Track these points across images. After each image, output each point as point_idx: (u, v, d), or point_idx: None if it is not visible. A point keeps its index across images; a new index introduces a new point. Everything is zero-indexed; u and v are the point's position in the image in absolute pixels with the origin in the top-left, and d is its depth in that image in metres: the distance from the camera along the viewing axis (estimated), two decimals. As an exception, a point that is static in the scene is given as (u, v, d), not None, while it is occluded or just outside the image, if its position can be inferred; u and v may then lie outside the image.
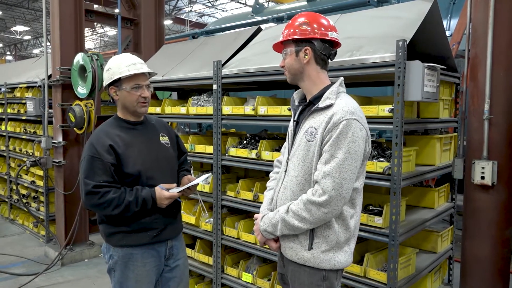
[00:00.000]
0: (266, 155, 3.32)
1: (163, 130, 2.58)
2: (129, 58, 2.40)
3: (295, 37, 1.91)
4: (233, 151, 3.58)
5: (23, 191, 6.44)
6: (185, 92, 5.12)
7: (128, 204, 2.23)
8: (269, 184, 2.23)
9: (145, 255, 2.38)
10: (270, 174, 2.27)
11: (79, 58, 4.84)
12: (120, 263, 2.36)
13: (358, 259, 2.98)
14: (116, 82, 2.36)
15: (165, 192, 2.29)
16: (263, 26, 4.22)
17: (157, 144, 2.48)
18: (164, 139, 2.54)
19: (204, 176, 2.58)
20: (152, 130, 2.52)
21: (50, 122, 5.40)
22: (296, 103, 2.06)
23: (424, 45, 3.04)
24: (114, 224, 2.34)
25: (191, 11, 23.74)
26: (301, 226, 1.84)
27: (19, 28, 27.07)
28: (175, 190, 2.35)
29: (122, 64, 2.36)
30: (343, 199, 1.78)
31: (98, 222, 2.43)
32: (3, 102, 6.91)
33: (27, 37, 30.20)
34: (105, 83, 2.40)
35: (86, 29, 6.47)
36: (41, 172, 5.77)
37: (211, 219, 3.81)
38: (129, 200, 2.23)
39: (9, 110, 6.78)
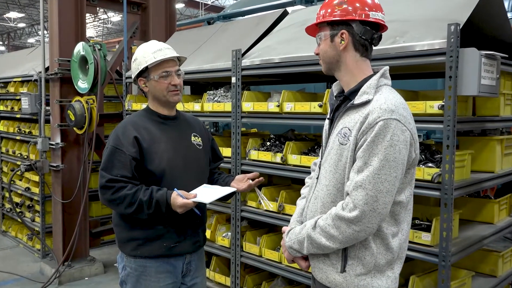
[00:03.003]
0: (293, 159, 3.32)
1: (197, 130, 2.67)
2: (155, 45, 2.52)
3: (330, 18, 1.89)
4: (254, 154, 3.60)
5: (17, 199, 6.62)
6: (200, 86, 5.17)
7: (141, 204, 2.31)
8: (302, 191, 2.23)
9: (159, 269, 2.45)
10: (306, 179, 2.26)
11: (79, 48, 4.95)
12: (132, 275, 2.46)
13: (402, 283, 2.95)
14: (144, 73, 2.48)
15: (179, 199, 2.33)
16: (289, 9, 4.23)
17: (186, 143, 2.57)
18: (196, 139, 2.62)
19: (226, 190, 2.50)
20: (184, 128, 2.62)
21: (47, 121, 5.54)
22: (334, 97, 2.03)
23: (481, 29, 2.99)
24: (129, 228, 2.44)
25: (206, -8, 23.96)
26: (330, 245, 1.82)
27: (13, 14, 27.87)
28: (193, 199, 2.36)
29: (147, 52, 2.47)
30: (378, 215, 1.74)
31: (113, 224, 2.56)
32: (-5, 98, 7.11)
33: (21, 25, 31.07)
34: (133, 75, 2.53)
35: (88, 15, 6.59)
36: (36, 178, 5.92)
37: (229, 234, 3.83)
38: (142, 200, 2.31)
39: (1, 108, 6.98)
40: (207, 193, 2.43)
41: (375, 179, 1.72)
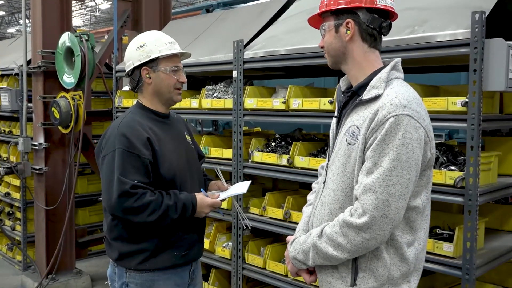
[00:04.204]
0: (301, 161, 3.33)
1: (186, 129, 2.72)
2: (167, 36, 2.57)
3: (334, 7, 1.91)
4: (258, 156, 3.61)
5: (-4, 206, 6.64)
6: (197, 80, 5.18)
7: (167, 209, 2.32)
8: (309, 197, 2.24)
9: (168, 282, 2.47)
10: (312, 185, 2.28)
11: (65, 39, 4.97)
12: None
13: (421, 298, 2.95)
14: (151, 62, 2.48)
15: (207, 198, 2.41)
16: (296, -5, 4.23)
17: (185, 144, 2.63)
18: (189, 138, 2.69)
19: (246, 183, 2.66)
20: (178, 126, 2.66)
21: (29, 119, 5.56)
22: (342, 93, 2.05)
23: (510, 17, 2.99)
24: (136, 240, 2.41)
25: (204, -23, 23.99)
26: (337, 255, 1.82)
27: (-9, 2, 27.95)
28: (221, 198, 2.49)
29: (160, 41, 2.50)
30: (390, 221, 1.74)
31: (111, 238, 2.48)
32: (-28, 94, 7.14)
33: (0, 13, 31.17)
34: (135, 62, 2.50)
35: (74, 2, 6.61)
36: (17, 182, 5.94)
37: (229, 244, 3.84)
38: (167, 204, 2.32)
39: (-21, 104, 6.99)
40: (226, 192, 2.59)
41: (386, 182, 1.73)
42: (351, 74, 1.97)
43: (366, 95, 1.84)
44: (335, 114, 2.04)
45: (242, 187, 2.63)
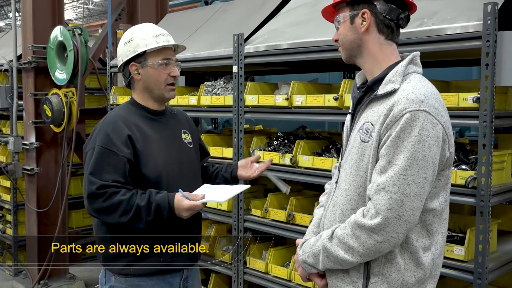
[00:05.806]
0: (304, 160, 3.33)
1: (186, 126, 2.70)
2: (156, 28, 2.56)
3: None
4: (259, 155, 3.61)
5: (-15, 208, 6.66)
6: (196, 76, 5.19)
7: (138, 209, 2.29)
8: (321, 199, 2.24)
9: None
10: (325, 186, 2.28)
11: (57, 33, 4.98)
12: None
13: (431, 304, 2.96)
14: (139, 57, 2.48)
15: (185, 200, 2.32)
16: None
17: (179, 143, 2.60)
18: (187, 137, 2.65)
19: (241, 187, 2.61)
20: (174, 124, 2.64)
21: (20, 118, 5.57)
22: (357, 89, 2.04)
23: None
24: (120, 242, 2.42)
25: (203, -33, 23.95)
26: (348, 259, 1.82)
27: (-21, -6, 27.94)
28: (202, 200, 2.37)
29: (148, 34, 2.49)
30: (404, 223, 1.73)
31: (98, 239, 2.51)
32: (-40, 91, 7.15)
33: (-11, 6, 31.18)
34: (124, 58, 2.51)
35: (66, -6, 6.62)
36: (8, 183, 5.95)
37: (230, 247, 3.85)
38: (139, 205, 2.29)
39: (-33, 102, 7.00)
40: (216, 193, 2.47)
41: (401, 181, 1.72)
42: (366, 68, 1.97)
43: (381, 89, 1.83)
44: (350, 111, 2.04)
45: (235, 190, 2.54)
